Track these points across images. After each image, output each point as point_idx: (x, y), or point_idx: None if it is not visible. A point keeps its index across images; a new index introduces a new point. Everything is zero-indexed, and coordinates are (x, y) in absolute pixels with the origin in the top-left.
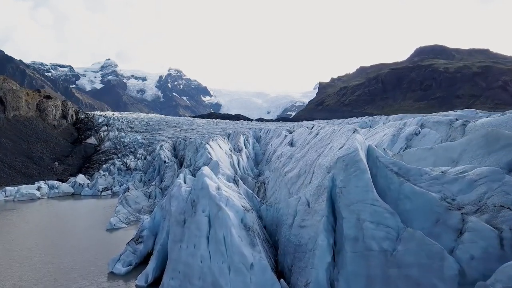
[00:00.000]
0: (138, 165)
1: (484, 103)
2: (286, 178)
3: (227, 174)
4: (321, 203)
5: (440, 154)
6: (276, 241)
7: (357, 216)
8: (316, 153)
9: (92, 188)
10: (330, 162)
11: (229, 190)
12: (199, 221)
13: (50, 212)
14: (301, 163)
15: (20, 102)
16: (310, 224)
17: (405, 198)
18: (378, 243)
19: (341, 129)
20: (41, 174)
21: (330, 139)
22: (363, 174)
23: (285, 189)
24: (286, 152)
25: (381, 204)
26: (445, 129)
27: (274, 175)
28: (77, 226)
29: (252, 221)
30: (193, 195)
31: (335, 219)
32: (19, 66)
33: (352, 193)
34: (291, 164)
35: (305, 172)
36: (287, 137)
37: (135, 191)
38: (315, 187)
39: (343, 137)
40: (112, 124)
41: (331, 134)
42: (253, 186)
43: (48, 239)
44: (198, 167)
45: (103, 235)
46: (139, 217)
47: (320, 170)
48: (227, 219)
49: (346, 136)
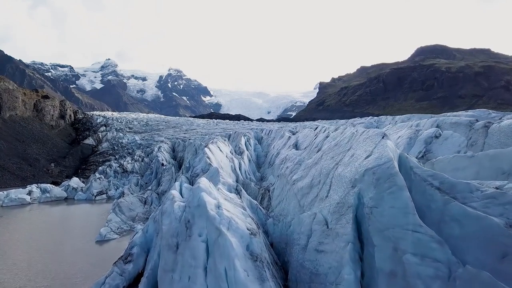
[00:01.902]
0: (135, 167)
1: (486, 103)
2: (295, 187)
3: (228, 183)
4: (345, 226)
5: (485, 163)
6: (285, 262)
7: (394, 245)
8: (333, 161)
9: (86, 192)
10: (354, 174)
11: (232, 207)
12: (195, 248)
13: (38, 219)
14: (314, 172)
15: (17, 102)
16: (331, 250)
17: (453, 222)
18: (425, 284)
19: (364, 132)
20: (35, 176)
21: (350, 145)
22: (400, 192)
23: (294, 200)
24: (291, 155)
25: (426, 230)
26: (464, 132)
27: (280, 182)
28: (64, 237)
29: (260, 248)
30: (188, 213)
31: (361, 244)
32: (18, 66)
33: (386, 215)
34: (301, 172)
35: (319, 182)
36: (291, 138)
37: (130, 197)
38: (335, 203)
39: (369, 143)
40: (110, 125)
41: (350, 138)
42: (256, 193)
43: (29, 254)
44: (196, 173)
45: (91, 248)
46: (133, 226)
47: (341, 183)
48: (229, 248)
49: (373, 142)
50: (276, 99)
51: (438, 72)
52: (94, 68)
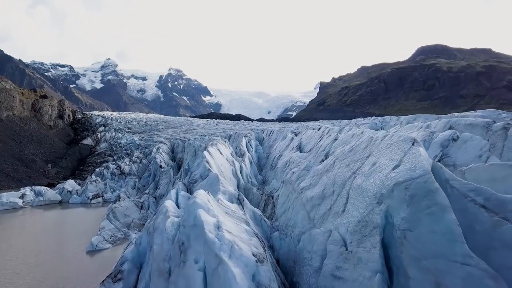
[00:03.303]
0: (133, 169)
1: (488, 103)
2: (303, 196)
3: (229, 191)
4: (371, 251)
5: None
6: (294, 283)
7: (436, 279)
8: (349, 169)
9: (81, 195)
10: (380, 188)
11: (234, 226)
12: (190, 277)
13: (28, 225)
14: (325, 180)
15: (14, 101)
16: (352, 278)
17: (505, 249)
18: None
19: (386, 137)
20: (31, 177)
21: (369, 151)
22: (443, 213)
23: (303, 211)
24: (295, 158)
25: (478, 263)
26: (481, 134)
27: (285, 189)
28: (53, 246)
29: (269, 277)
30: (183, 234)
31: (388, 272)
32: (18, 65)
33: (425, 242)
34: (309, 179)
35: (332, 193)
36: (294, 140)
37: (125, 202)
38: (355, 221)
39: (395, 151)
40: (109, 125)
41: (368, 143)
42: (259, 199)
43: (12, 266)
44: (195, 179)
45: (81, 260)
46: (128, 234)
47: (361, 197)
48: (232, 280)
49: (400, 149)
50: (276, 99)
51: (439, 72)
52: (94, 68)
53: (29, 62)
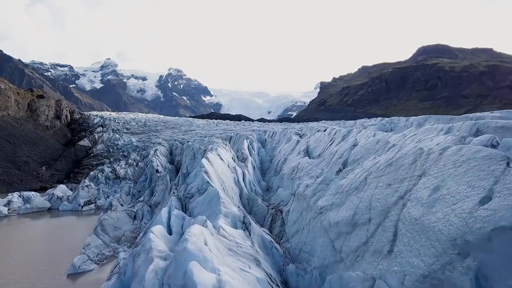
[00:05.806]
0: (128, 173)
1: (492, 103)
2: (324, 219)
3: (232, 213)
4: None
5: None
6: None
7: None
8: (393, 191)
9: (72, 201)
10: (460, 230)
11: (240, 280)
12: None
13: (7, 239)
14: (356, 201)
15: (9, 101)
16: None
17: None
18: None
19: (450, 150)
20: (23, 181)
21: (422, 168)
22: None
23: (324, 238)
24: (304, 165)
25: None
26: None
27: (298, 204)
28: (30, 267)
29: None
30: None
31: None
32: (18, 65)
33: None
34: (332, 197)
35: (368, 221)
36: (300, 143)
37: (116, 213)
38: (417, 273)
39: (475, 172)
40: (108, 125)
41: (417, 157)
42: (265, 213)
43: None
44: (191, 193)
45: (58, 286)
46: (117, 250)
47: (424, 237)
48: None
49: (485, 170)
50: (276, 99)
51: (441, 72)
52: (94, 68)
53: (28, 62)
